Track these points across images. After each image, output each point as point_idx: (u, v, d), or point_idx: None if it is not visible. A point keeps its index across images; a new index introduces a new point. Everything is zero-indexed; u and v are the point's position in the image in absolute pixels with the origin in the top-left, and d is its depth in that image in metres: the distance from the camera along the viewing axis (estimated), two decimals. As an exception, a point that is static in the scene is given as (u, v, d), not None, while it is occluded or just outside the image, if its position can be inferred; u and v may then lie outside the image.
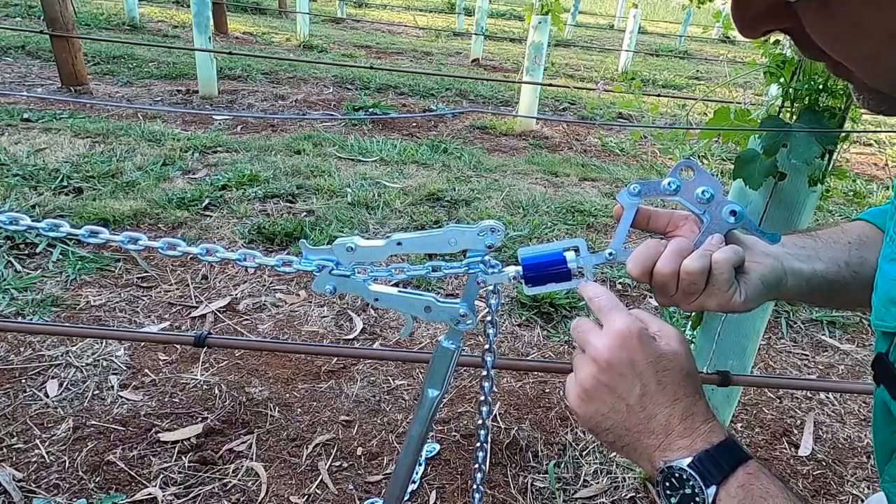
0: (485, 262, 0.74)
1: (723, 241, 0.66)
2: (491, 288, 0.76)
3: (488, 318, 0.79)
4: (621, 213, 0.69)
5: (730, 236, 0.67)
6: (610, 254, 0.70)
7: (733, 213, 0.66)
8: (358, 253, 0.75)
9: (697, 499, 0.53)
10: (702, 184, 0.67)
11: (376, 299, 0.77)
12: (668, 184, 0.67)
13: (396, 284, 2.13)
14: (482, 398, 0.83)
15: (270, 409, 1.90)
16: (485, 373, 0.81)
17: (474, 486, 0.88)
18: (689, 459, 0.54)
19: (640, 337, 0.58)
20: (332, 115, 5.30)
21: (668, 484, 0.55)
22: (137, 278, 2.51)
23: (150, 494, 1.58)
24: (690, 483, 0.54)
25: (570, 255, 0.70)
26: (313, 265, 0.76)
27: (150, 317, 2.28)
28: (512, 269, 0.73)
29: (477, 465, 0.87)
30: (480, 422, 0.84)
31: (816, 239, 0.73)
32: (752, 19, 0.43)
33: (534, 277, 0.71)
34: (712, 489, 0.53)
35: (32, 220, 0.81)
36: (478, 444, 0.85)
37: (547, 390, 2.11)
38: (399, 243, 0.74)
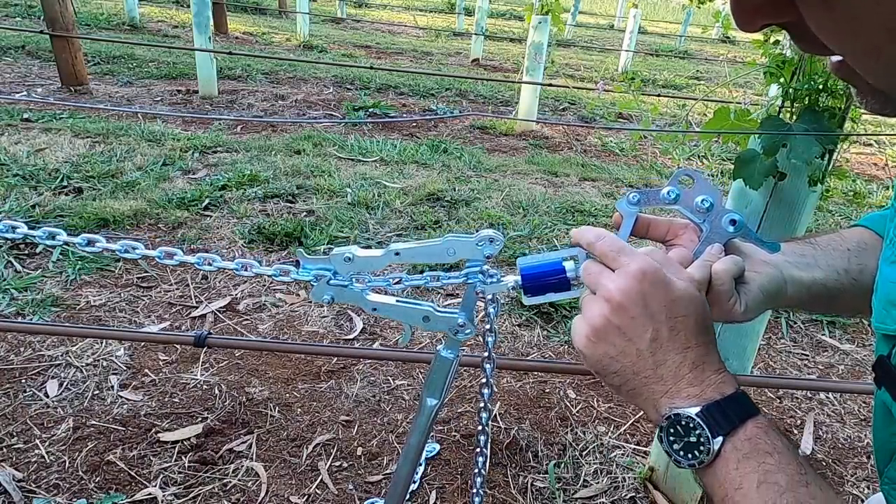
0: (483, 271, 0.74)
1: (722, 251, 0.66)
2: (489, 297, 0.76)
3: (487, 327, 0.79)
4: (620, 221, 0.69)
5: (729, 245, 0.67)
6: None
7: (733, 222, 0.66)
8: (356, 263, 0.75)
9: (702, 447, 0.53)
10: (701, 192, 0.66)
11: (374, 309, 0.77)
12: (668, 192, 0.67)
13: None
14: (482, 405, 0.83)
15: (270, 409, 1.90)
16: (484, 380, 0.81)
17: (474, 491, 0.88)
18: (697, 408, 0.54)
19: (655, 279, 0.57)
20: (332, 115, 5.30)
21: (672, 430, 0.55)
22: (137, 278, 2.51)
23: (150, 494, 1.58)
24: (697, 432, 0.53)
25: (569, 265, 0.70)
26: (311, 275, 0.76)
27: (150, 317, 2.28)
28: (511, 279, 0.73)
29: (476, 470, 0.87)
30: (480, 428, 0.83)
31: (815, 246, 0.73)
32: (752, 12, 0.42)
33: (533, 287, 0.70)
34: (719, 439, 0.52)
35: (29, 228, 0.81)
36: (477, 450, 0.85)
37: (547, 390, 2.11)
38: (397, 253, 0.73)
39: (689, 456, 0.54)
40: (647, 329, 0.56)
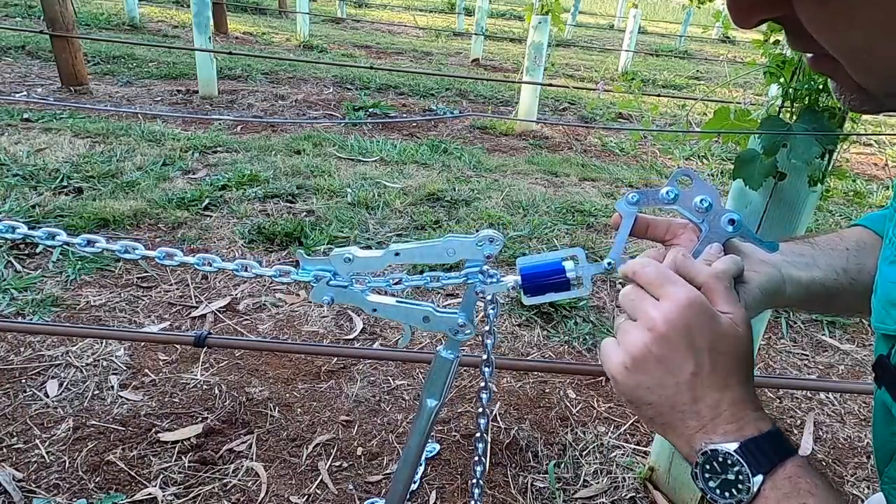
0: (483, 271, 0.74)
1: (721, 250, 0.66)
2: (489, 298, 0.76)
3: (486, 328, 0.79)
4: (619, 221, 0.69)
5: (728, 245, 0.67)
6: (609, 263, 0.70)
7: (732, 221, 0.66)
8: (355, 263, 0.75)
9: (741, 486, 0.51)
10: (700, 192, 0.67)
11: (374, 310, 0.77)
12: (667, 192, 0.67)
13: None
14: (480, 410, 0.82)
15: (270, 409, 1.90)
16: (483, 384, 0.81)
17: (473, 499, 0.88)
18: (736, 444, 0.52)
19: (701, 312, 0.55)
20: (332, 115, 5.30)
21: (708, 467, 0.53)
22: (137, 278, 2.51)
23: (150, 494, 1.58)
24: (735, 469, 0.51)
25: (568, 265, 0.70)
26: (310, 276, 0.76)
27: (150, 317, 2.28)
28: (510, 279, 0.73)
29: (475, 481, 0.86)
30: (478, 435, 0.83)
31: (814, 246, 0.73)
32: (748, 9, 0.42)
33: (532, 287, 0.71)
34: (759, 477, 0.51)
35: (29, 228, 0.81)
36: (475, 459, 0.85)
37: (547, 390, 2.11)
38: (397, 254, 0.73)
39: (727, 494, 0.52)
40: (689, 363, 0.54)
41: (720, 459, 0.52)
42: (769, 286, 0.65)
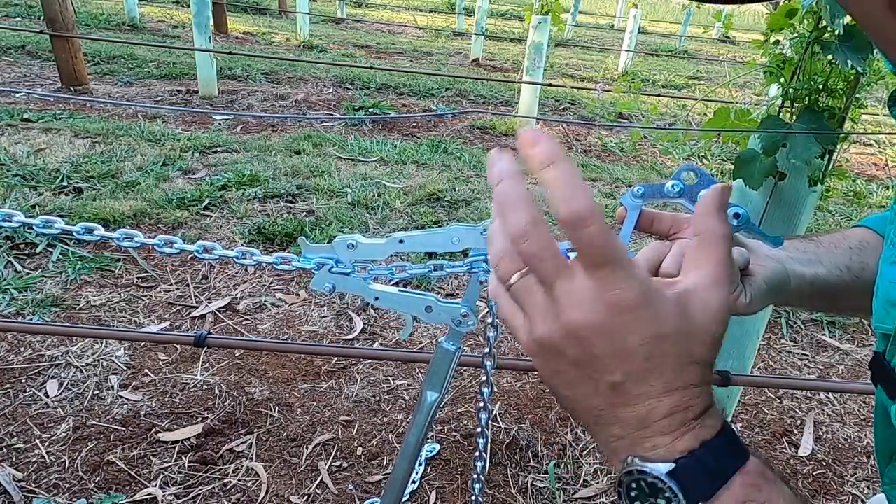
0: (487, 261, 0.73)
1: None
2: None
3: (489, 321, 0.79)
4: (624, 215, 0.69)
5: (732, 238, 0.67)
6: None
7: (737, 216, 0.66)
8: (358, 250, 0.74)
9: None
10: (705, 187, 0.66)
11: (376, 298, 0.77)
12: (672, 186, 0.67)
13: (397, 284, 2.12)
14: (481, 404, 0.82)
15: (270, 409, 1.90)
16: (484, 378, 0.81)
17: (473, 498, 0.88)
18: (669, 465, 0.40)
19: (642, 309, 0.39)
20: (331, 114, 5.30)
21: (634, 486, 0.41)
22: (137, 278, 2.51)
23: (150, 494, 1.58)
24: (667, 495, 0.40)
25: (572, 255, 0.70)
26: (312, 263, 0.76)
27: (150, 317, 2.28)
28: None
29: (476, 476, 0.86)
30: (479, 430, 0.83)
31: (818, 244, 0.73)
32: None
33: None
34: None
35: (27, 217, 0.81)
36: (476, 454, 0.84)
37: (546, 390, 2.11)
38: (401, 241, 0.73)
39: None
40: (616, 372, 0.40)
41: (648, 481, 0.40)
42: (774, 280, 0.65)
